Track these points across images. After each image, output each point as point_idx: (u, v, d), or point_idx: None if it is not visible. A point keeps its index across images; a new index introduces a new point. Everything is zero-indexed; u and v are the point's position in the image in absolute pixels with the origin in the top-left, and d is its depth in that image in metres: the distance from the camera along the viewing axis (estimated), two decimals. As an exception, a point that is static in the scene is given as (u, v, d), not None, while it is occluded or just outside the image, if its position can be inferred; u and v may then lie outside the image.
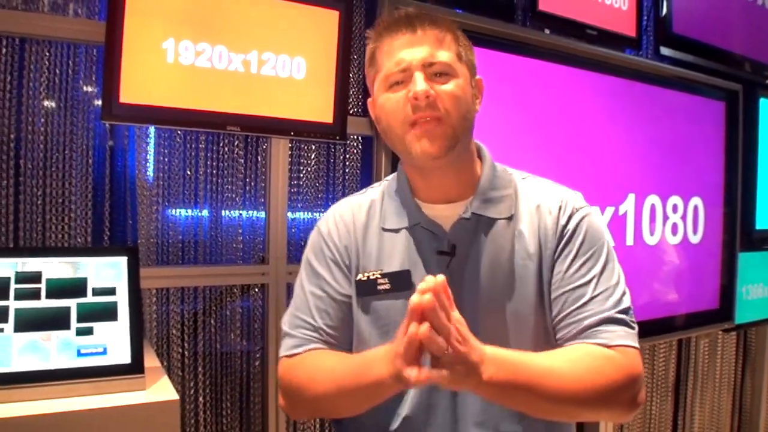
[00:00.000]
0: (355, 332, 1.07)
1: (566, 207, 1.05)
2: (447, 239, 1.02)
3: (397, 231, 1.06)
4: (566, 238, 1.02)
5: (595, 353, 0.93)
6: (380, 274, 1.04)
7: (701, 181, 2.54)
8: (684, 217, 2.46)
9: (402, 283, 1.02)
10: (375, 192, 1.14)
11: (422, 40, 0.97)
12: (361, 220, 1.09)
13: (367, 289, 1.04)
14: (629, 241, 2.25)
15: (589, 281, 0.99)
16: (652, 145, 2.33)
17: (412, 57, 0.96)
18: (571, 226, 1.03)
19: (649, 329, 2.30)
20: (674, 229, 2.42)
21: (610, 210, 2.19)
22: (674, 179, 2.42)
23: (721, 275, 2.63)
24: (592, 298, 0.98)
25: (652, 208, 2.33)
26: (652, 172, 2.34)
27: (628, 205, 2.24)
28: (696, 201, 2.50)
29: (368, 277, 1.05)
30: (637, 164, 2.29)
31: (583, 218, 1.04)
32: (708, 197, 2.56)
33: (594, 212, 1.08)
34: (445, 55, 0.98)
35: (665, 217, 2.38)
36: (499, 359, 0.85)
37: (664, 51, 2.45)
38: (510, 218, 1.04)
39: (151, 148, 1.71)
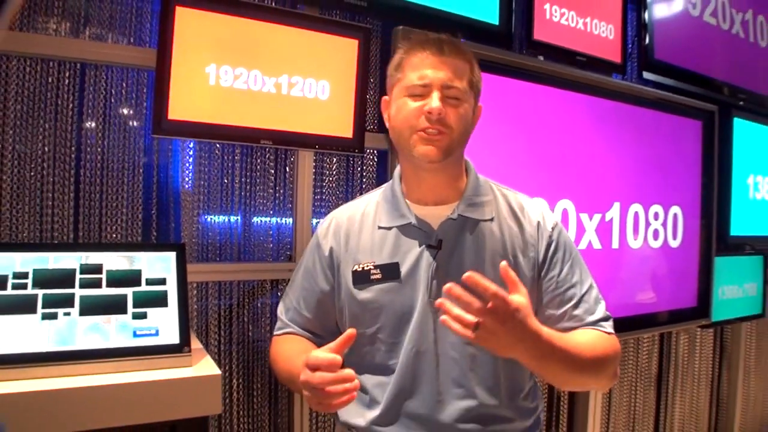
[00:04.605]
0: (349, 315, 1.20)
1: (548, 219, 1.21)
2: (435, 235, 1.15)
3: (390, 228, 1.18)
4: (553, 247, 1.18)
5: (597, 334, 1.14)
6: (373, 266, 1.16)
7: (680, 192, 2.60)
8: (665, 224, 2.52)
9: (392, 272, 1.15)
10: (373, 196, 1.27)
11: (445, 64, 1.10)
12: (357, 221, 1.22)
13: (362, 278, 1.17)
14: (615, 244, 2.33)
15: (575, 283, 1.18)
16: (636, 159, 2.40)
17: (434, 77, 1.09)
18: (555, 237, 1.19)
19: (632, 324, 2.38)
20: (656, 235, 2.49)
21: (597, 216, 2.27)
22: (656, 190, 2.48)
23: (699, 277, 2.68)
24: (582, 297, 1.17)
25: (636, 215, 2.40)
26: (635, 183, 2.40)
27: (614, 213, 2.33)
28: (675, 209, 2.57)
29: (363, 268, 1.17)
30: (622, 176, 2.36)
31: (561, 229, 1.22)
32: (686, 206, 2.62)
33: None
34: (460, 84, 1.10)
35: (647, 224, 2.45)
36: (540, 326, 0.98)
37: (647, 75, 2.55)
38: (492, 220, 1.17)
39: (192, 160, 1.82)
